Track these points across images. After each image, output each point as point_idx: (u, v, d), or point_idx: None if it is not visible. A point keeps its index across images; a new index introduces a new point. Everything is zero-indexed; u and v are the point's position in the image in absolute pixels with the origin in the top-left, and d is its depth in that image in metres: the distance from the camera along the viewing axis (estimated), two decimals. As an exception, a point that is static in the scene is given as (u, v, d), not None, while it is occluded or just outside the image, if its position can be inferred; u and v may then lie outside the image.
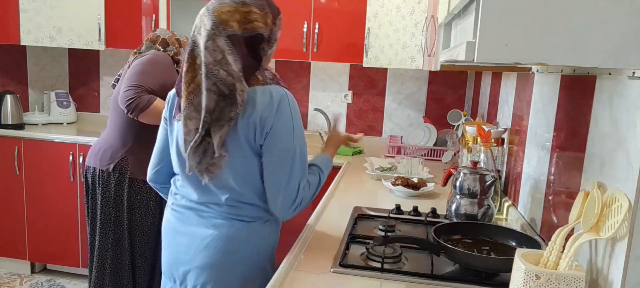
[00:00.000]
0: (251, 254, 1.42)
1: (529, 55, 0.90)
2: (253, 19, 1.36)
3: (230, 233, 1.39)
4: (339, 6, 2.98)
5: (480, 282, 1.26)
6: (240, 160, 1.35)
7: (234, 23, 1.33)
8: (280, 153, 1.35)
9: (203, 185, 1.37)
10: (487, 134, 1.89)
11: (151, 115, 2.12)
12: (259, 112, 1.33)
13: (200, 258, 1.40)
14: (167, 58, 2.29)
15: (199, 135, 1.30)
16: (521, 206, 1.85)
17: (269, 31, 1.43)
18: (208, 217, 1.41)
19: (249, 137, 1.34)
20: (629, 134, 1.03)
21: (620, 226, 0.99)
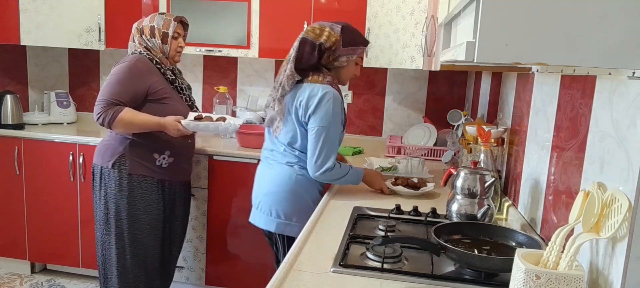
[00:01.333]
0: (296, 190, 2.06)
1: (529, 55, 0.91)
2: (322, 35, 2.02)
3: (282, 172, 2.07)
4: (339, 6, 2.98)
5: (480, 282, 1.26)
6: (290, 127, 2.06)
7: (312, 33, 2.03)
8: (316, 130, 1.97)
9: (273, 139, 2.13)
10: (487, 134, 1.89)
11: (119, 127, 2.22)
12: (306, 99, 1.98)
13: (266, 188, 2.12)
14: (144, 62, 2.27)
15: (271, 107, 2.12)
16: (521, 206, 1.85)
17: (331, 45, 2.02)
18: (273, 161, 2.13)
19: (297, 113, 2.02)
20: (629, 133, 1.03)
21: (620, 226, 0.99)
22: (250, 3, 3.04)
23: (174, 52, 2.37)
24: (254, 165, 2.93)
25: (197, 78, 3.58)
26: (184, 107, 2.40)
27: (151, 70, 2.28)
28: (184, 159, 2.48)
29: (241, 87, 3.54)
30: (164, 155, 2.36)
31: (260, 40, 3.07)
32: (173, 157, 2.39)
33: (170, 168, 2.40)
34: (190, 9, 3.09)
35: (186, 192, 2.60)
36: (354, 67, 2.13)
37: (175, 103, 2.34)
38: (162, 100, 2.30)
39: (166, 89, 2.32)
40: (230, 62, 3.52)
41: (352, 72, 2.13)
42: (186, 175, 2.56)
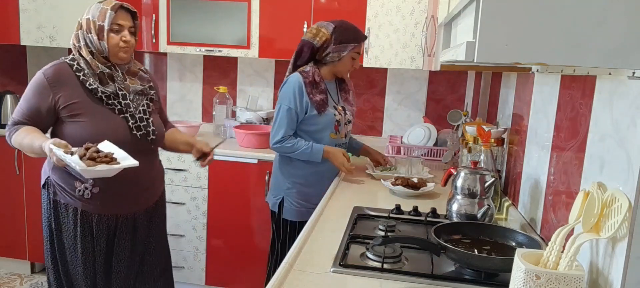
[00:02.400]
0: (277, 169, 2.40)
1: (529, 55, 0.91)
2: (317, 34, 2.25)
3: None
4: (339, 6, 2.98)
5: (480, 282, 1.26)
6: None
7: (309, 34, 2.28)
8: (277, 109, 2.28)
9: None
10: (487, 134, 1.89)
11: (18, 149, 1.88)
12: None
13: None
14: (56, 71, 1.82)
15: None
16: (521, 206, 1.85)
17: (322, 44, 2.25)
18: None
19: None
20: (629, 133, 1.03)
21: (620, 226, 0.99)
22: (250, 3, 3.04)
23: (115, 48, 1.83)
24: (254, 165, 2.93)
25: (197, 78, 3.59)
26: (116, 121, 1.84)
27: (63, 81, 1.80)
28: (117, 189, 1.89)
29: (241, 87, 3.54)
30: (86, 184, 1.87)
31: (260, 40, 3.07)
32: (98, 187, 1.87)
33: (95, 200, 1.89)
34: (190, 9, 3.09)
35: (131, 227, 2.00)
36: (350, 61, 2.29)
37: (97, 119, 1.81)
38: (75, 117, 1.80)
39: (82, 104, 1.80)
40: (230, 62, 3.52)
41: (348, 66, 2.30)
42: (124, 207, 1.96)
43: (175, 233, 3.06)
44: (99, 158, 1.64)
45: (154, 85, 2.05)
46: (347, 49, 2.24)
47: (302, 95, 2.22)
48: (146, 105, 1.93)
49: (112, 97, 1.84)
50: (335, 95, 2.38)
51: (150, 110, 1.95)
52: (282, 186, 2.34)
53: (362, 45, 2.31)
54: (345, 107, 2.39)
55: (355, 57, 2.28)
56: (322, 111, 2.25)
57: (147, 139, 1.91)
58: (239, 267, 3.04)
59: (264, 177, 2.91)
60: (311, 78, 2.24)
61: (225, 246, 3.05)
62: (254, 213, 2.98)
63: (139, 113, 1.90)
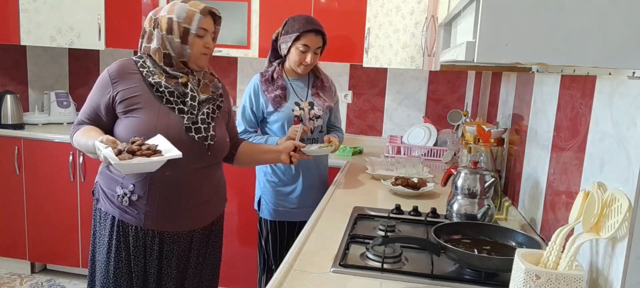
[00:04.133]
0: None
1: (529, 55, 0.90)
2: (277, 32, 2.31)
3: None
4: (339, 6, 2.98)
5: (480, 282, 1.26)
6: None
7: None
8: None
9: None
10: (487, 134, 1.89)
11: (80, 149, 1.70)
12: None
13: None
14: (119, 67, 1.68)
15: None
16: (521, 206, 1.85)
17: (276, 38, 2.31)
18: None
19: None
20: (629, 133, 1.03)
21: (620, 226, 0.99)
22: (250, 3, 3.04)
23: (197, 54, 1.69)
24: (254, 165, 2.93)
25: (197, 78, 3.58)
26: (171, 119, 1.64)
27: (125, 75, 1.66)
28: (163, 199, 1.66)
29: (241, 87, 3.54)
30: (127, 189, 1.65)
31: (260, 40, 3.07)
32: (138, 194, 1.64)
33: (135, 209, 1.66)
34: (190, 9, 3.08)
35: (182, 249, 1.75)
36: (300, 54, 2.21)
37: (152, 115, 1.63)
38: (131, 112, 1.64)
39: (140, 97, 1.64)
40: (230, 62, 3.52)
41: (296, 59, 2.23)
42: (172, 222, 1.70)
43: (175, 233, 3.05)
44: (139, 152, 1.42)
45: (224, 93, 1.86)
46: (290, 40, 2.20)
47: (258, 94, 2.28)
48: (211, 109, 1.73)
49: (175, 95, 1.66)
50: (304, 90, 2.34)
51: (214, 116, 1.74)
52: (259, 185, 2.40)
53: (309, 37, 2.18)
54: (314, 102, 2.32)
55: (304, 50, 2.19)
56: (278, 107, 2.26)
57: (205, 144, 1.68)
58: (238, 267, 3.04)
59: (264, 177, 2.91)
60: (268, 76, 2.29)
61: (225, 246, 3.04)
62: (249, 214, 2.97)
63: (202, 115, 1.70)
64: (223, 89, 1.86)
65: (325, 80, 2.41)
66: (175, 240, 1.72)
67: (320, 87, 2.38)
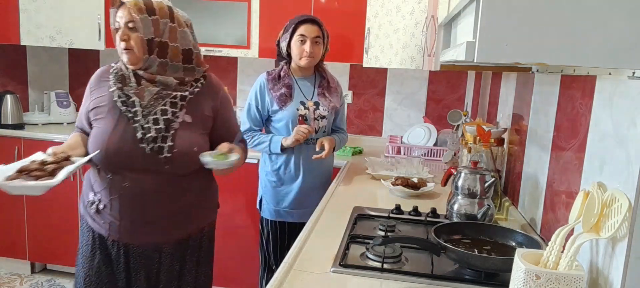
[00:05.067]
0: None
1: (529, 55, 0.90)
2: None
3: None
4: (339, 6, 2.98)
5: (480, 282, 1.26)
6: None
7: None
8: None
9: None
10: (487, 134, 1.89)
11: None
12: None
13: None
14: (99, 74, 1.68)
15: None
16: (521, 206, 1.85)
17: (278, 39, 2.36)
18: None
19: None
20: (629, 133, 1.03)
21: (620, 226, 0.99)
22: (250, 3, 3.04)
23: (119, 52, 1.56)
24: (254, 165, 2.93)
25: (197, 78, 3.58)
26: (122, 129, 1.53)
27: (101, 82, 1.64)
28: (124, 210, 1.57)
29: (241, 87, 3.54)
30: (96, 197, 1.61)
31: (260, 40, 3.06)
32: (103, 203, 1.58)
33: (101, 218, 1.60)
34: (190, 9, 3.07)
35: (150, 263, 1.64)
36: (299, 46, 2.26)
37: (109, 127, 1.55)
38: (95, 121, 1.60)
39: (104, 108, 1.58)
40: (230, 62, 3.52)
41: (297, 51, 2.27)
42: (134, 236, 1.60)
43: (175, 233, 3.06)
44: (34, 172, 1.33)
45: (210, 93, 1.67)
46: (289, 33, 2.26)
47: (263, 93, 2.30)
48: (170, 114, 1.56)
49: (127, 103, 1.55)
50: (310, 90, 2.35)
51: (176, 123, 1.56)
52: (261, 185, 2.43)
53: (304, 26, 2.24)
54: (320, 102, 2.34)
55: (302, 39, 2.24)
56: (283, 105, 2.27)
57: (160, 157, 1.53)
58: (239, 267, 3.04)
59: (264, 177, 2.92)
60: (274, 74, 2.32)
61: (225, 246, 3.04)
62: (252, 214, 2.98)
63: (157, 123, 1.54)
64: (211, 88, 1.68)
65: (331, 81, 2.43)
66: (141, 254, 1.62)
67: (327, 87, 2.39)
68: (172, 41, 1.57)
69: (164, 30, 1.55)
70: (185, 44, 1.61)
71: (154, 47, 1.54)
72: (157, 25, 1.53)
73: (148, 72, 1.57)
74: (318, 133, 2.33)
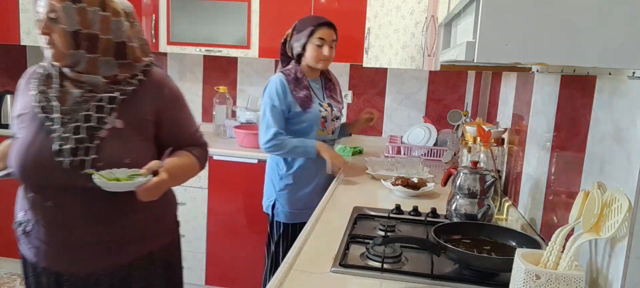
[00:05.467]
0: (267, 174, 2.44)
1: (529, 55, 0.90)
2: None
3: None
4: (339, 6, 2.98)
5: (480, 282, 1.26)
6: None
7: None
8: (262, 111, 2.30)
9: None
10: (487, 134, 1.88)
11: None
12: None
13: None
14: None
15: None
16: (521, 206, 1.85)
17: (287, 39, 2.34)
18: None
19: None
20: (629, 134, 1.03)
21: (620, 226, 0.99)
22: (250, 3, 3.04)
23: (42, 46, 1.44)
24: (253, 165, 2.93)
25: (197, 78, 3.58)
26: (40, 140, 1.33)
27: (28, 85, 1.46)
28: (45, 234, 1.38)
29: (241, 87, 3.54)
30: (26, 214, 1.46)
31: (260, 40, 3.07)
32: (31, 225, 1.44)
33: (28, 242, 1.46)
34: (190, 9, 3.08)
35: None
36: (316, 49, 2.24)
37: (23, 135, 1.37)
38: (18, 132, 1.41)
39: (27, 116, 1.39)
40: (230, 62, 3.52)
41: (314, 54, 2.25)
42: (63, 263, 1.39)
43: (175, 233, 3.06)
44: None
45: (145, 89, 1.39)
46: (305, 35, 2.24)
47: (286, 93, 2.23)
48: (96, 120, 1.31)
49: (47, 109, 1.33)
50: (321, 92, 2.38)
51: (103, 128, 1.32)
52: (275, 188, 2.35)
53: (323, 30, 2.25)
54: (332, 104, 2.37)
55: (320, 43, 2.24)
56: (307, 107, 2.25)
57: (82, 173, 1.28)
58: (238, 267, 3.04)
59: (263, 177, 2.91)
60: (293, 75, 2.27)
61: (225, 246, 3.05)
62: (253, 214, 2.98)
63: (79, 132, 1.30)
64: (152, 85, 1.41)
65: (336, 83, 2.46)
66: (74, 284, 1.39)
67: (333, 88, 2.42)
68: (103, 33, 1.32)
69: (93, 21, 1.30)
70: (119, 35, 1.35)
71: (80, 41, 1.30)
72: (84, 15, 1.29)
73: (75, 70, 1.34)
74: (334, 133, 2.39)
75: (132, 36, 1.39)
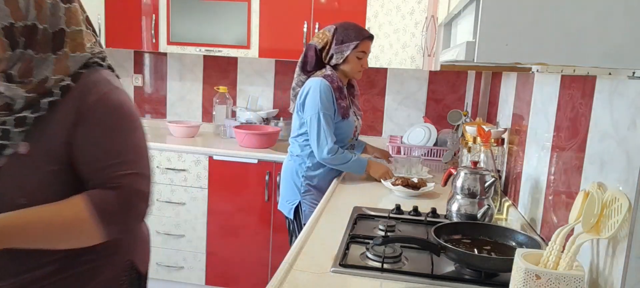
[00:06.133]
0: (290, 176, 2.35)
1: (529, 55, 0.90)
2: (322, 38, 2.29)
3: (286, 162, 2.41)
4: (339, 6, 2.98)
5: (480, 282, 1.26)
6: (295, 120, 2.34)
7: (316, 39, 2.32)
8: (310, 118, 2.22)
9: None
10: (487, 134, 1.89)
11: None
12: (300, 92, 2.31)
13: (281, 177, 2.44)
14: None
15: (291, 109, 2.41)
16: (521, 206, 1.85)
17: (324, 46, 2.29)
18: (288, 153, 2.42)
19: (297, 106, 2.30)
20: (629, 134, 1.03)
21: (620, 226, 0.99)
22: (250, 3, 3.04)
23: None
24: (253, 164, 2.93)
25: (197, 78, 3.58)
26: None
27: None
28: None
29: (241, 87, 3.54)
30: None
31: (260, 40, 3.07)
32: None
33: None
34: (190, 9, 3.08)
35: None
36: (357, 61, 2.25)
37: None
38: None
39: None
40: (230, 62, 3.52)
41: (354, 66, 2.25)
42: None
43: (175, 233, 3.06)
44: None
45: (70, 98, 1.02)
46: (349, 48, 2.21)
47: (332, 101, 2.20)
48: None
49: None
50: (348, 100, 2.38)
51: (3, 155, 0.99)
52: (298, 190, 2.30)
53: (366, 43, 2.26)
54: (356, 113, 2.40)
55: (360, 56, 2.24)
56: (346, 117, 2.25)
57: None
58: (239, 267, 3.04)
59: (264, 177, 2.91)
60: (336, 83, 2.22)
61: (225, 246, 3.05)
62: (253, 213, 2.98)
63: None
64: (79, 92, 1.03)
65: (358, 91, 2.49)
66: None
67: (355, 95, 2.45)
68: (41, 22, 1.00)
69: (28, 8, 0.98)
70: (55, 23, 1.03)
71: (17, 37, 0.98)
72: (15, 4, 0.97)
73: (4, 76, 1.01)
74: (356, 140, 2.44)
75: (69, 20, 1.05)
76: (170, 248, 3.08)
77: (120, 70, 3.68)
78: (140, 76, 3.65)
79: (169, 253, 3.09)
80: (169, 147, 2.98)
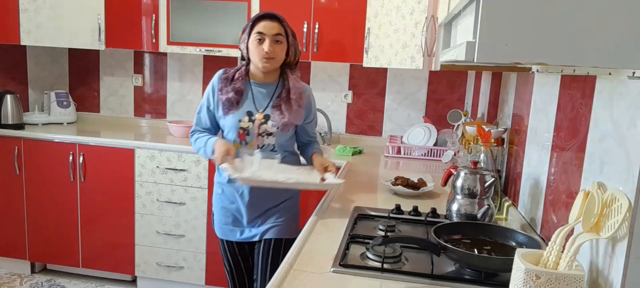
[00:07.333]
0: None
1: (529, 55, 0.90)
2: None
3: None
4: (339, 6, 2.98)
5: (480, 282, 1.26)
6: None
7: None
8: None
9: None
10: (487, 134, 1.89)
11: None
12: None
13: None
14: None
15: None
16: (521, 206, 1.85)
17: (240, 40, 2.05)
18: None
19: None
20: (629, 133, 1.03)
21: (620, 226, 0.99)
22: (250, 3, 3.03)
23: None
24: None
25: (197, 78, 3.58)
26: None
27: None
28: None
29: (241, 87, 3.54)
30: None
31: (260, 40, 3.06)
32: None
33: None
34: (190, 9, 3.08)
35: None
36: (257, 45, 1.91)
37: None
38: None
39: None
40: (230, 62, 3.52)
41: (255, 52, 1.93)
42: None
43: (175, 234, 3.05)
44: None
45: None
46: (246, 32, 1.96)
47: (214, 92, 2.01)
48: None
49: None
50: (265, 100, 1.98)
51: None
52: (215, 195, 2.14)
53: (262, 23, 1.93)
54: (271, 116, 1.96)
55: (261, 38, 1.90)
56: (227, 112, 1.96)
57: None
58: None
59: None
60: (229, 74, 2.00)
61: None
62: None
63: None
64: None
65: (293, 92, 1.99)
66: None
67: (285, 99, 1.98)
68: None
69: None
70: None
71: None
72: None
73: None
74: (263, 148, 1.97)
75: None
76: (170, 248, 3.08)
77: (120, 70, 3.68)
78: (140, 76, 3.65)
79: (169, 253, 3.09)
80: (169, 147, 2.99)
